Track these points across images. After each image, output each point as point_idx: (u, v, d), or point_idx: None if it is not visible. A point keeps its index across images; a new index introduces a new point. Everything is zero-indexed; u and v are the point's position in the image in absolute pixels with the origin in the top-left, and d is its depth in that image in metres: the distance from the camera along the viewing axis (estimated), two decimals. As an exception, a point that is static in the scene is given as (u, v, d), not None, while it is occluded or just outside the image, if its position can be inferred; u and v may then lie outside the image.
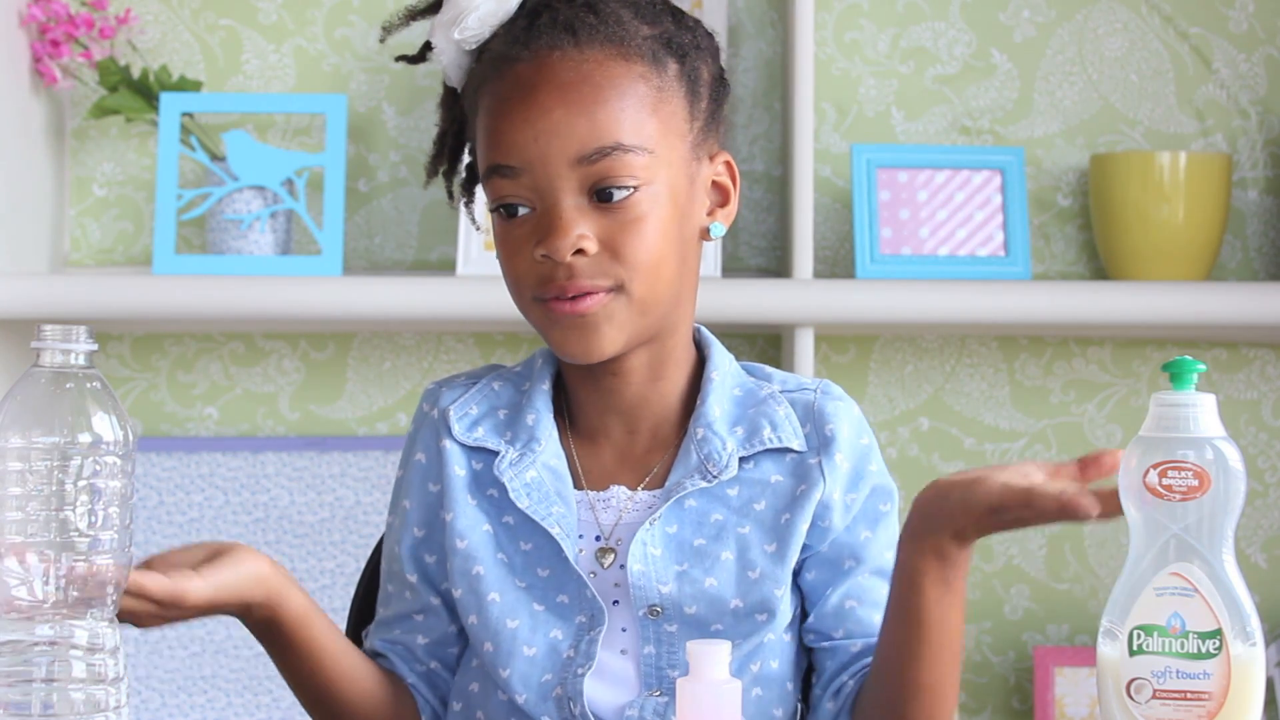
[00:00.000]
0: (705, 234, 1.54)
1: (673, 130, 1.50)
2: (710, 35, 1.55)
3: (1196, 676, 1.23)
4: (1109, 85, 2.70)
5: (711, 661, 1.28)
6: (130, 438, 1.25)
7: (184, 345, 2.67)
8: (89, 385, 1.24)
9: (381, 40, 1.61)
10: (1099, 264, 2.67)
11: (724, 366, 1.57)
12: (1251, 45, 2.70)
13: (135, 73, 2.59)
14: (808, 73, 2.49)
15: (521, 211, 1.47)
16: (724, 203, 1.56)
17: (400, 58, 1.62)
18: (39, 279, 2.45)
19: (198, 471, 2.62)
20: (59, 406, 1.23)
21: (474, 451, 1.55)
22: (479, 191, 1.59)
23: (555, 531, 1.50)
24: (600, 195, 1.46)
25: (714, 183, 1.55)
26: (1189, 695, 1.24)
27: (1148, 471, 1.25)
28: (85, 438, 1.22)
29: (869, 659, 1.51)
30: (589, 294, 1.46)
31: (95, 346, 1.26)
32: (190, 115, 2.55)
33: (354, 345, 2.68)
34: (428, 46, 1.56)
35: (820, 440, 1.53)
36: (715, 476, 1.51)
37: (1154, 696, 1.24)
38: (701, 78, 1.53)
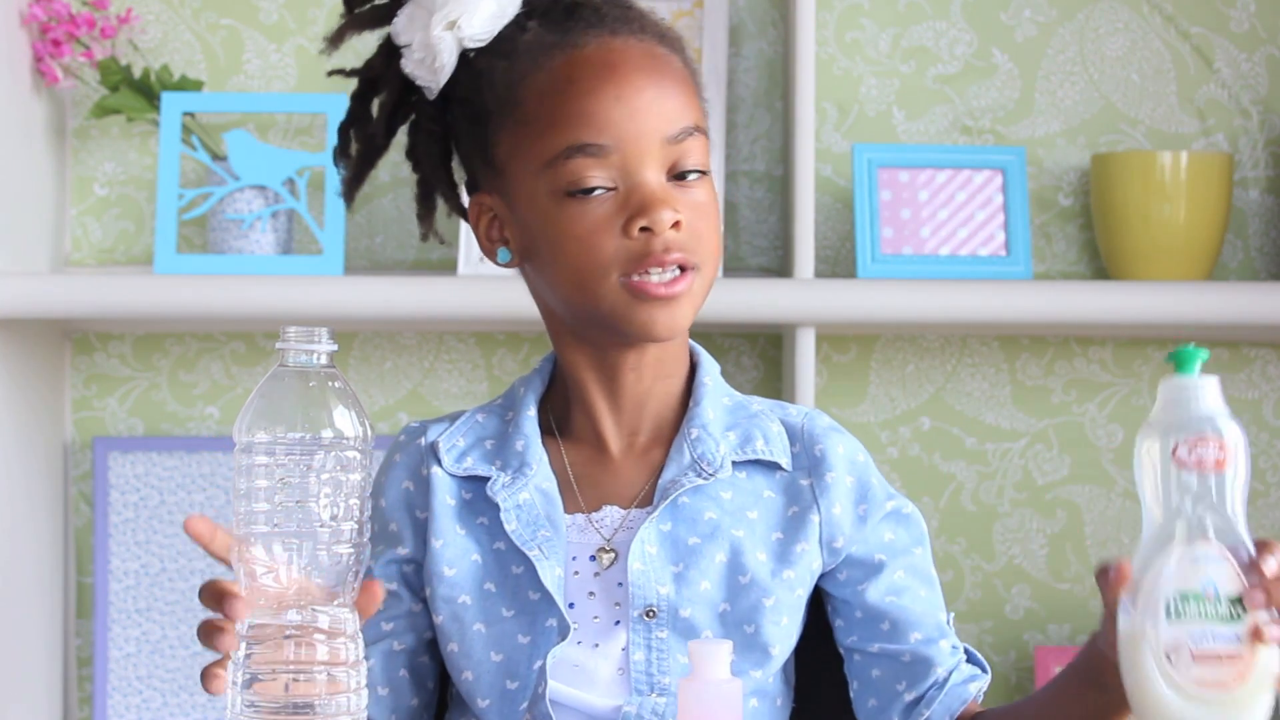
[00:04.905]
0: None
1: None
2: None
3: (1229, 639, 1.27)
4: (1110, 85, 2.70)
5: (712, 661, 1.29)
6: (369, 434, 1.29)
7: (185, 345, 2.67)
8: (331, 384, 1.28)
9: (324, 52, 1.57)
10: (1100, 264, 2.67)
11: (714, 373, 1.58)
12: (1253, 45, 2.70)
13: (136, 72, 2.59)
14: (809, 72, 2.49)
15: (598, 193, 1.46)
16: None
17: (335, 71, 1.61)
18: (39, 279, 2.45)
19: (199, 471, 2.62)
20: (303, 404, 1.27)
21: (464, 481, 1.54)
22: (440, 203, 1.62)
23: (534, 554, 1.48)
24: (679, 176, 1.47)
25: None
26: (1224, 657, 1.28)
27: (1176, 447, 1.28)
28: (328, 433, 1.27)
29: (933, 686, 1.56)
30: (680, 275, 1.45)
31: (336, 347, 1.29)
32: (191, 115, 2.55)
33: (355, 345, 2.68)
34: (390, 52, 1.53)
35: (810, 461, 1.54)
36: (710, 475, 1.50)
37: (1193, 660, 1.28)
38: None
